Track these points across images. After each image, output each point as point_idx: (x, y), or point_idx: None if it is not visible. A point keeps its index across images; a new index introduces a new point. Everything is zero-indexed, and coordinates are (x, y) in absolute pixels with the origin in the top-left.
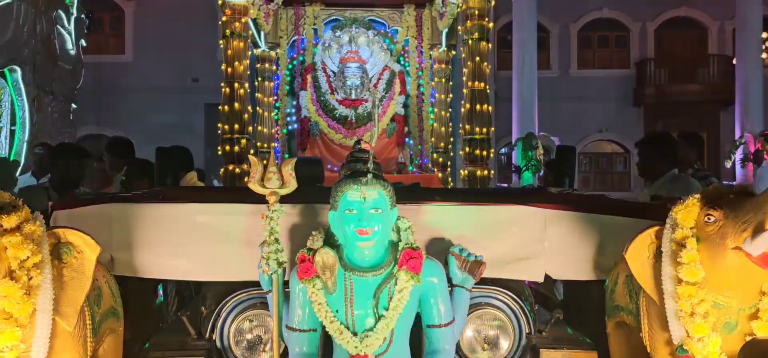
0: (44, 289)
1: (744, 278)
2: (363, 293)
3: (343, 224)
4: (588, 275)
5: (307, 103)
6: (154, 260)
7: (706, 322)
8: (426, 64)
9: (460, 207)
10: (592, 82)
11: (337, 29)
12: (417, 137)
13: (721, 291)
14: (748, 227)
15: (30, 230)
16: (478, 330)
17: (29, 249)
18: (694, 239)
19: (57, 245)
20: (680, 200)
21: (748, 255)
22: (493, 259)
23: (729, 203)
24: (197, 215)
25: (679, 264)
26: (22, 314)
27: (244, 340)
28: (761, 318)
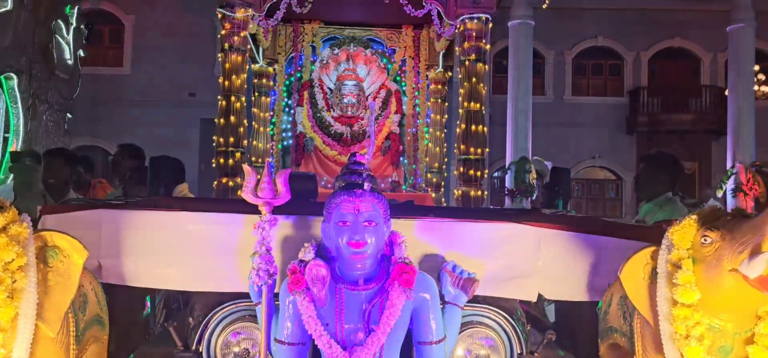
0: (28, 293)
1: (740, 300)
2: (354, 307)
3: (337, 235)
4: (581, 296)
5: (303, 119)
6: (143, 269)
7: (702, 345)
8: (422, 84)
9: (454, 223)
10: (586, 109)
11: (335, 47)
12: (411, 156)
13: (716, 314)
14: (745, 248)
15: (16, 231)
16: (469, 349)
17: (14, 251)
18: (690, 260)
19: (43, 248)
20: (676, 221)
21: (745, 277)
22: (486, 277)
23: (726, 224)
24: (188, 224)
25: (675, 285)
26: (3, 318)
27: (231, 353)
28: (757, 343)
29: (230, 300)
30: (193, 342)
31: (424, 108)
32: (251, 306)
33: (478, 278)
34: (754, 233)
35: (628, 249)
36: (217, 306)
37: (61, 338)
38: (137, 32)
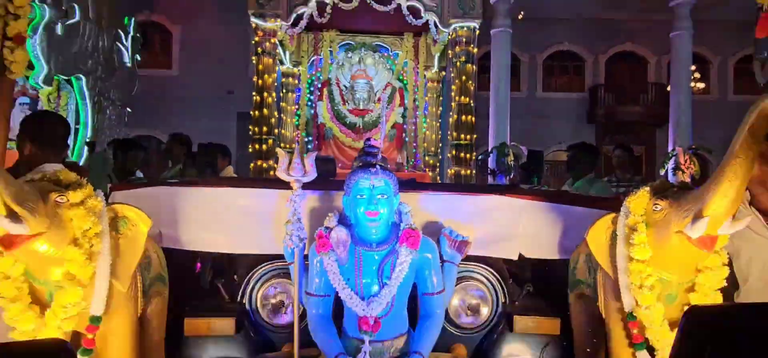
0: (103, 255)
1: (684, 257)
2: (370, 265)
3: (355, 206)
4: (554, 254)
5: (323, 112)
6: (196, 235)
7: (653, 293)
8: (421, 82)
9: (450, 196)
10: (554, 103)
11: (349, 51)
12: (412, 142)
13: (665, 268)
14: (689, 214)
15: (92, 204)
16: (463, 299)
17: (91, 220)
18: (644, 224)
19: (115, 218)
20: (633, 192)
21: (688, 238)
22: (476, 240)
23: (673, 195)
24: (233, 199)
25: (631, 245)
26: (84, 276)
27: (269, 304)
28: (697, 291)
29: (268, 261)
30: (238, 295)
31: (422, 102)
32: (285, 265)
33: (470, 241)
34: (696, 202)
35: (591, 216)
36: (257, 266)
37: (130, 293)
38: (183, 40)
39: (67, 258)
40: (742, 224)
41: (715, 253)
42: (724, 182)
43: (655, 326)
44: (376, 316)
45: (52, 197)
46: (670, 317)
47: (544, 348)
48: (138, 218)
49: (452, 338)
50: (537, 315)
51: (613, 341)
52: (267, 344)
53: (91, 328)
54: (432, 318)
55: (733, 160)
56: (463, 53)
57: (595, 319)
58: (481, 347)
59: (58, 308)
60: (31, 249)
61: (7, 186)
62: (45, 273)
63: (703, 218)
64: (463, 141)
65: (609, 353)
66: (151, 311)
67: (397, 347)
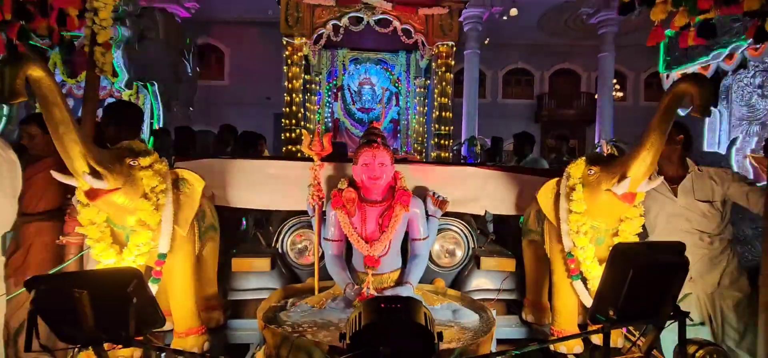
0: (167, 207)
1: (610, 209)
2: (372, 217)
3: (361, 172)
4: (511, 211)
5: (338, 111)
6: (240, 196)
7: (586, 237)
8: (411, 88)
9: (434, 167)
10: (510, 107)
11: (358, 64)
12: (404, 134)
13: (595, 218)
14: (616, 175)
15: (158, 167)
16: (442, 245)
17: (157, 180)
18: (581, 185)
19: (176, 179)
20: (571, 161)
21: (614, 194)
22: (453, 199)
23: (603, 162)
24: (269, 169)
25: (571, 200)
26: (152, 222)
27: (296, 248)
28: (619, 236)
29: (295, 216)
30: (273, 242)
31: (412, 103)
32: (308, 219)
33: (449, 200)
34: (622, 166)
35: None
36: (287, 219)
37: (189, 237)
38: (232, 57)
39: (139, 208)
40: (655, 182)
41: (634, 206)
42: (643, 150)
43: (587, 261)
44: (377, 255)
45: (127, 161)
46: (599, 255)
47: (504, 281)
48: (194, 179)
49: (434, 274)
50: (498, 256)
51: (555, 274)
52: (295, 278)
53: (158, 262)
54: (419, 258)
55: (651, 133)
56: (443, 65)
57: (542, 259)
58: (456, 280)
59: (133, 246)
60: (110, 201)
61: (90, 151)
62: (122, 220)
63: (626, 178)
64: (443, 131)
65: (551, 283)
66: (206, 252)
67: (393, 279)
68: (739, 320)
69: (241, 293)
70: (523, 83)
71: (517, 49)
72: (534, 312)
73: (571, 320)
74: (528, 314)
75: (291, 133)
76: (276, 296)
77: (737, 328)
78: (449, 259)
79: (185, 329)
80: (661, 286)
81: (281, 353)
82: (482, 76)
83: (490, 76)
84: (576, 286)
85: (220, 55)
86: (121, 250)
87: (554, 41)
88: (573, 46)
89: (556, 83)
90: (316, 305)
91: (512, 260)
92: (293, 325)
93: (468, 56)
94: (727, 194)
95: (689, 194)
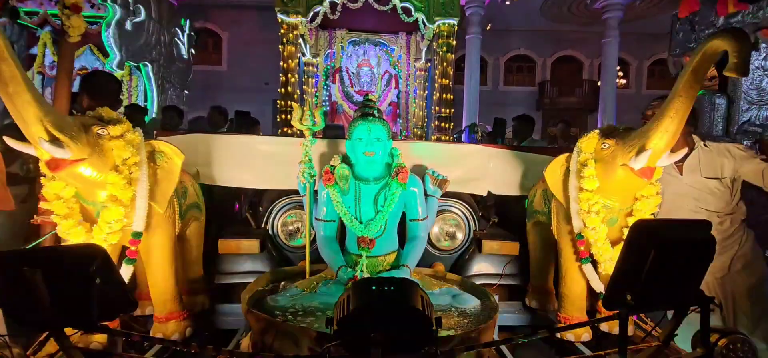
0: (142, 182)
1: (626, 186)
2: (367, 196)
3: (356, 148)
4: (515, 191)
5: (336, 93)
6: (227, 174)
7: (598, 217)
8: (411, 70)
9: (434, 145)
10: (512, 95)
11: (356, 45)
12: (404, 117)
13: (608, 197)
14: (633, 148)
15: (130, 137)
16: (442, 228)
17: (130, 151)
18: (593, 160)
19: (152, 152)
20: (585, 134)
21: (631, 169)
22: (454, 179)
23: (619, 135)
24: (257, 145)
25: (582, 178)
26: (124, 197)
27: (287, 230)
28: (634, 215)
29: (286, 195)
30: (263, 223)
31: (412, 87)
32: (300, 200)
33: (449, 180)
34: (640, 138)
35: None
36: (278, 199)
37: (168, 215)
38: (230, 42)
39: (109, 182)
40: (677, 156)
41: (651, 183)
42: (666, 118)
43: (599, 243)
44: (372, 236)
45: (95, 129)
46: (612, 237)
47: (506, 265)
48: (172, 152)
49: (433, 258)
50: (501, 239)
51: (563, 257)
52: (286, 261)
53: (133, 241)
54: (417, 240)
55: (676, 98)
56: (444, 44)
57: (548, 242)
58: (456, 264)
59: (104, 223)
60: (76, 173)
61: (48, 114)
62: (92, 195)
63: (646, 151)
64: (444, 114)
65: (559, 267)
66: (189, 233)
67: (389, 262)
68: (753, 307)
69: (229, 276)
70: (524, 70)
71: (519, 35)
72: (538, 298)
73: (579, 306)
74: (532, 300)
75: (286, 115)
76: (263, 279)
77: (751, 315)
78: (449, 242)
79: (165, 314)
80: (685, 268)
81: (266, 339)
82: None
83: (492, 62)
84: (586, 270)
85: (218, 40)
86: (92, 228)
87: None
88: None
89: (558, 70)
90: (306, 289)
91: (515, 244)
92: (281, 310)
93: (469, 42)
94: (740, 172)
95: (696, 171)
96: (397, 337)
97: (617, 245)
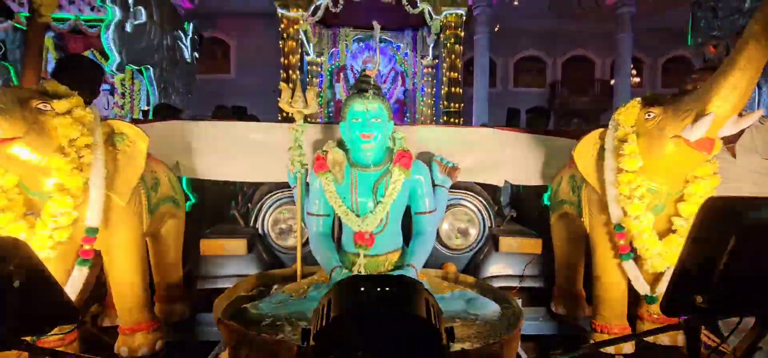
0: (96, 167)
1: (677, 165)
2: (365, 185)
3: (351, 130)
4: (536, 181)
5: (340, 92)
6: (210, 165)
7: (642, 203)
8: (418, 67)
9: (443, 129)
10: (522, 96)
11: (361, 42)
12: (412, 114)
13: (654, 178)
14: (688, 115)
15: (80, 114)
16: (452, 224)
17: (78, 130)
18: (635, 134)
19: (111, 134)
20: (622, 106)
21: (686, 141)
22: (466, 167)
23: (667, 101)
24: (243, 132)
25: (621, 156)
26: (73, 186)
27: (279, 227)
28: (687, 201)
29: (279, 190)
30: (252, 221)
31: (419, 83)
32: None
33: (460, 168)
34: (698, 101)
35: (569, 146)
36: (269, 193)
37: (132, 208)
38: (239, 51)
39: (53, 167)
40: (752, 119)
41: (708, 161)
42: (735, 72)
43: (644, 234)
44: (371, 231)
45: (34, 103)
46: (658, 228)
47: (527, 265)
48: (136, 134)
49: (444, 258)
50: (520, 236)
51: (598, 254)
52: (277, 263)
53: (87, 239)
54: (424, 235)
55: (748, 45)
56: (452, 36)
57: (576, 236)
58: (469, 265)
59: (47, 216)
60: (9, 154)
61: None
62: (37, 184)
63: (707, 115)
64: (453, 109)
65: (594, 265)
66: (165, 231)
67: (392, 262)
68: None
69: (212, 280)
70: (534, 71)
71: (529, 35)
72: (565, 303)
73: (620, 313)
74: (558, 306)
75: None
76: (245, 284)
77: None
78: (461, 239)
79: (130, 324)
80: None
81: (240, 354)
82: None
83: (501, 64)
84: (627, 267)
85: (227, 48)
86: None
87: (567, 27)
88: (587, 32)
89: (570, 70)
90: (294, 295)
91: (538, 241)
92: (264, 318)
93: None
94: None
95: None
96: (395, 354)
97: (665, 238)
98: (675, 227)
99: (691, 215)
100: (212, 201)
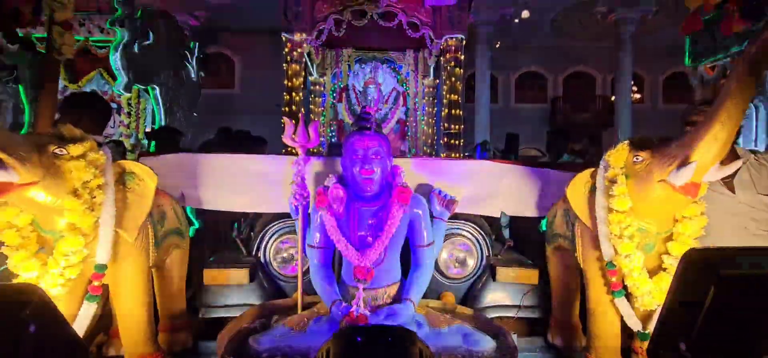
0: (107, 207)
1: (664, 206)
2: (364, 219)
3: (351, 166)
4: (531, 212)
5: (343, 112)
6: (215, 196)
7: (632, 242)
8: (419, 88)
9: (441, 161)
10: (523, 112)
11: (363, 63)
12: (413, 134)
13: (643, 218)
14: (674, 161)
15: (93, 157)
16: (451, 253)
17: (92, 172)
18: (624, 176)
19: (122, 173)
20: (612, 147)
21: (672, 186)
22: (463, 199)
23: (654, 146)
24: (247, 164)
25: (611, 196)
26: (85, 225)
27: (280, 257)
28: (676, 240)
29: (280, 219)
30: (254, 250)
31: (421, 104)
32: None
33: (457, 200)
34: (682, 148)
35: (566, 179)
36: (271, 223)
37: (140, 243)
38: (243, 67)
39: (66, 208)
40: (730, 169)
41: (695, 202)
42: (715, 125)
43: (635, 273)
44: (370, 265)
45: (50, 148)
46: (648, 266)
47: (525, 295)
48: (145, 173)
49: (442, 287)
50: (517, 266)
51: (591, 289)
52: (279, 292)
53: (96, 275)
54: (422, 268)
55: (727, 101)
56: (452, 59)
57: (571, 269)
58: (467, 294)
59: (59, 255)
60: (27, 197)
61: None
62: (51, 223)
63: (690, 163)
64: (453, 130)
65: (587, 300)
66: (169, 262)
67: (390, 294)
68: None
69: (215, 310)
70: (535, 88)
71: (530, 51)
72: (562, 334)
73: (613, 348)
74: (555, 336)
75: None
76: (247, 316)
77: None
78: (459, 269)
79: (135, 355)
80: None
81: None
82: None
83: (502, 80)
84: (619, 304)
85: (231, 64)
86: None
87: (568, 43)
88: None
89: (571, 86)
90: (294, 328)
91: (535, 271)
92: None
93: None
94: None
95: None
96: None
97: (656, 276)
98: (665, 266)
99: (680, 253)
100: (214, 224)
